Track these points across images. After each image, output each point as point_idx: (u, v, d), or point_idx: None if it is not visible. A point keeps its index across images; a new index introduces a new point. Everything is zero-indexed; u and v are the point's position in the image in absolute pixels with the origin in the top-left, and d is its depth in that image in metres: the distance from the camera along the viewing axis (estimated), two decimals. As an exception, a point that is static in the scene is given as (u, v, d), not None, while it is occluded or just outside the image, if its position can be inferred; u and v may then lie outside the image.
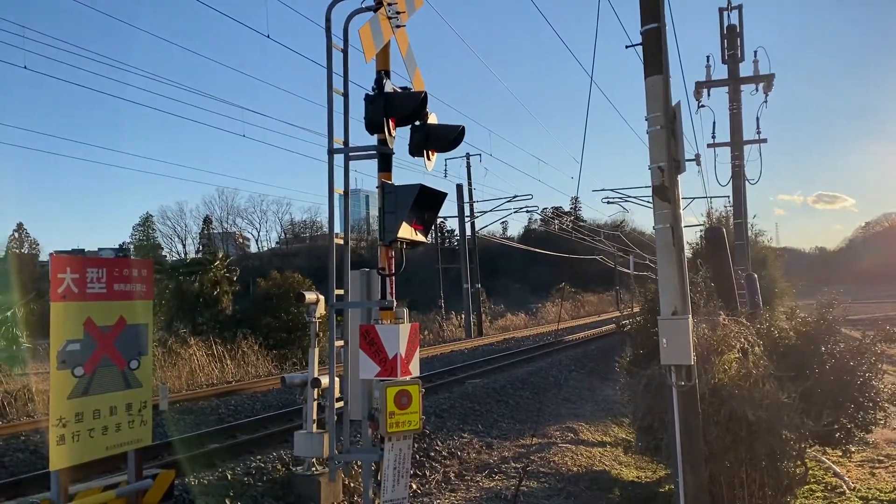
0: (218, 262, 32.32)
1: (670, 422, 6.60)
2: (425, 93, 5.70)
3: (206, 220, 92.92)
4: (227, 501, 6.92)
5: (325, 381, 7.46)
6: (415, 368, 5.39)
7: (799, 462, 8.16)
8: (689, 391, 6.46)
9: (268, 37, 18.52)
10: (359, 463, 6.10)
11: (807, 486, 8.90)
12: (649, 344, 8.67)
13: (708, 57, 16.42)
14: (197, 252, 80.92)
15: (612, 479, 9.77)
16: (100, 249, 5.20)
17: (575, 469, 9.72)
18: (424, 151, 6.13)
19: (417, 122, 5.84)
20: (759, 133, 16.41)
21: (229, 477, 7.50)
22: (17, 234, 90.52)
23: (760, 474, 7.63)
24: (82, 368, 4.21)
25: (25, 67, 16.31)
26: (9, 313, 17.97)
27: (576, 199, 66.74)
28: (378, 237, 5.74)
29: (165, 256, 76.23)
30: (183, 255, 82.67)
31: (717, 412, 7.39)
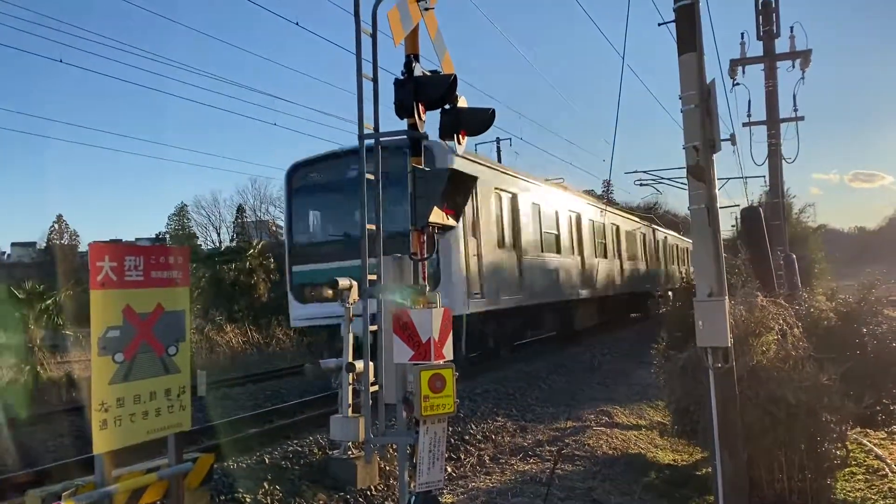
0: (252, 250, 32.66)
1: (707, 405, 6.54)
2: (455, 76, 5.66)
3: (240, 209, 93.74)
4: (265, 485, 7.03)
5: (359, 365, 7.52)
6: (448, 352, 5.40)
7: (840, 444, 8.03)
8: (727, 373, 6.38)
9: (297, 24, 18.58)
10: (394, 446, 6.15)
11: (848, 469, 8.75)
12: (685, 326, 8.58)
13: (742, 34, 16.11)
14: (231, 241, 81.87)
15: (647, 462, 9.71)
16: (137, 239, 5.27)
17: (610, 452, 9.67)
18: (455, 135, 6.11)
19: (447, 106, 5.81)
20: (795, 111, 16.10)
21: (267, 461, 7.62)
22: (57, 226, 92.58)
23: (800, 457, 7.52)
24: (122, 354, 4.29)
25: (61, 61, 16.60)
26: (50, 301, 18.41)
27: (608, 182, 65.88)
28: (409, 222, 5.74)
29: (200, 245, 77.10)
30: (218, 244, 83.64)
31: (755, 394, 7.30)
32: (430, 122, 6.00)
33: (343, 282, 7.98)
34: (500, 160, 40.29)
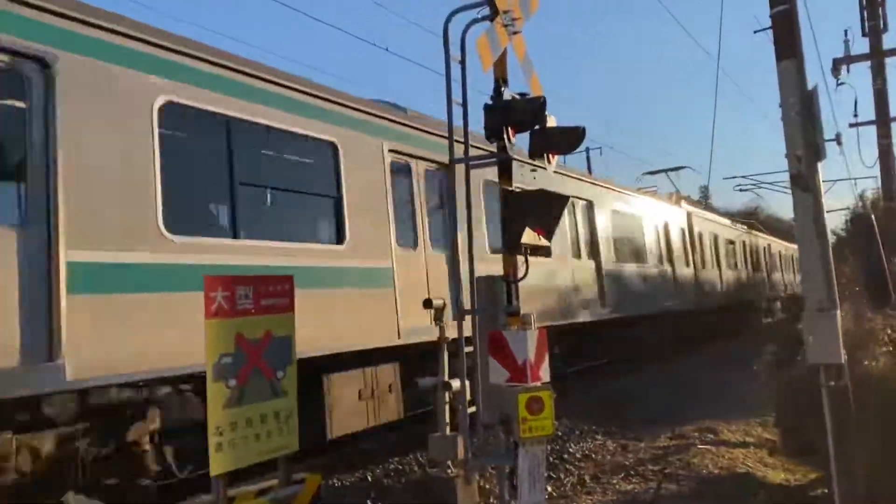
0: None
1: (819, 423, 6.25)
2: (544, 98, 5.70)
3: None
4: (368, 502, 7.20)
5: (455, 384, 7.60)
6: (545, 374, 5.40)
7: (972, 466, 7.47)
8: (840, 391, 6.08)
9: (386, 50, 19.06)
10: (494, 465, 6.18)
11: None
12: (793, 339, 8.23)
13: (846, 31, 15.38)
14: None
15: (757, 481, 9.30)
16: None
17: (716, 471, 9.33)
18: (544, 155, 6.14)
19: (537, 127, 5.85)
20: (910, 108, 15.14)
21: (370, 478, 7.81)
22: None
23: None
24: (235, 380, 4.53)
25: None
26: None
27: (706, 188, 63.73)
28: (501, 244, 5.80)
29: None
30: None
31: (868, 411, 6.91)
32: (518, 140, 6.06)
33: (436, 301, 8.09)
34: (590, 171, 39.87)
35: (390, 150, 9.17)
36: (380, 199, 8.88)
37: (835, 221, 27.09)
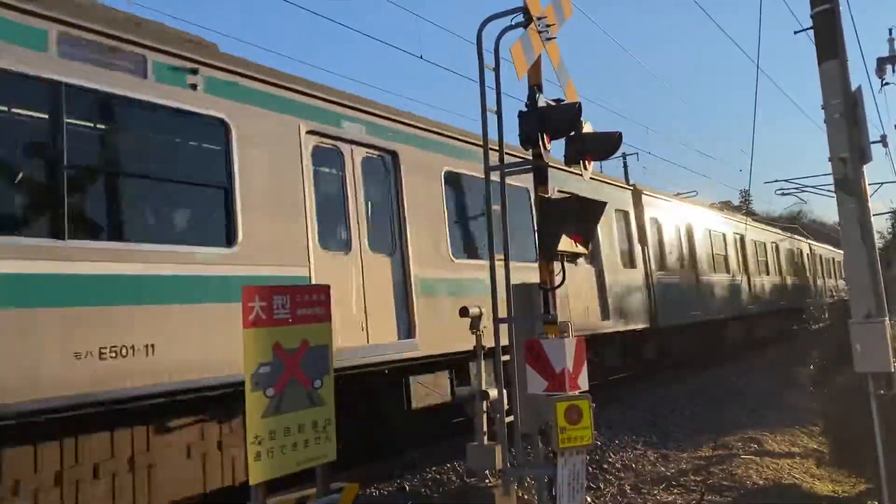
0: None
1: (869, 433, 6.07)
2: (580, 104, 5.64)
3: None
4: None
5: (493, 393, 7.55)
6: (583, 383, 5.33)
7: None
8: (890, 400, 5.90)
9: (420, 57, 19.29)
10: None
11: None
12: (841, 348, 8.00)
13: (890, 30, 15.00)
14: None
15: (804, 493, 9.05)
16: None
17: (761, 482, 9.10)
18: (580, 161, 6.07)
19: (573, 133, 5.79)
20: (958, 106, 14.67)
21: (407, 488, 7.79)
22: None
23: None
24: (273, 389, 4.56)
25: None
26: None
27: (747, 192, 62.35)
28: (537, 252, 5.75)
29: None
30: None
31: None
32: (555, 147, 6.02)
33: (473, 310, 8.06)
34: (626, 176, 39.47)
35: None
36: None
37: (879, 224, 26.79)
